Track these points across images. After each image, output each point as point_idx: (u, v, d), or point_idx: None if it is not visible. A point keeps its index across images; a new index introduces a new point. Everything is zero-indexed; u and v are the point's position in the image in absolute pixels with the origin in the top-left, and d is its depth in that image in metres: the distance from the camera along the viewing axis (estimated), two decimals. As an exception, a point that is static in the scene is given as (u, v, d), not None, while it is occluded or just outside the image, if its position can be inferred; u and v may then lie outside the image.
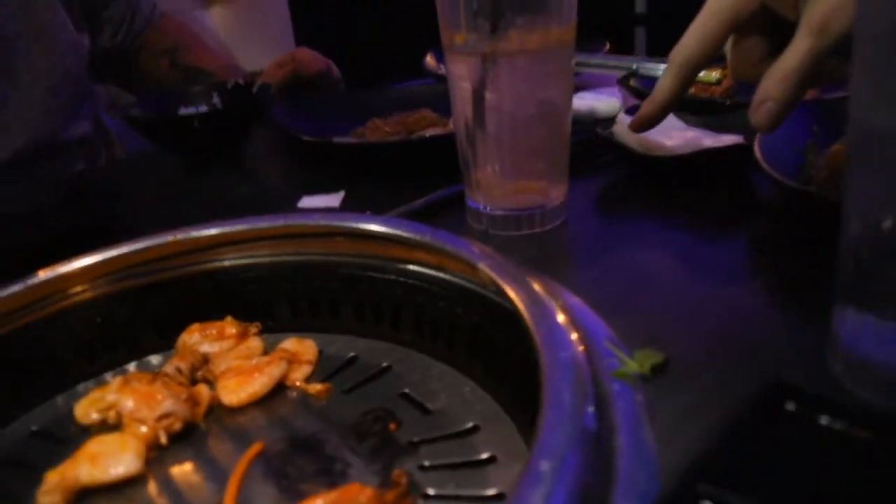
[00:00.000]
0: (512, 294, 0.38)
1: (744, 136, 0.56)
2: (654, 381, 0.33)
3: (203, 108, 0.76)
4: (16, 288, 0.45)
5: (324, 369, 0.45)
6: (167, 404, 0.40)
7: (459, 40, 0.47)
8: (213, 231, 0.50)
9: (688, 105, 0.69)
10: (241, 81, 0.80)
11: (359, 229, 0.47)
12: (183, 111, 0.75)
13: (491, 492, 0.34)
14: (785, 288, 0.42)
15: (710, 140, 0.58)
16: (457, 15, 0.46)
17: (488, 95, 0.46)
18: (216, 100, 0.78)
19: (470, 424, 0.39)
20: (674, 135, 0.59)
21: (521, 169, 0.50)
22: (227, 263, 0.50)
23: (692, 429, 0.26)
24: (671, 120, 0.63)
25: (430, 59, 0.99)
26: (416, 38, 1.05)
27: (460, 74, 0.49)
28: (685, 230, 0.52)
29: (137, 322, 0.49)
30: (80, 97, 0.97)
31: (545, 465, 0.26)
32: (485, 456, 0.36)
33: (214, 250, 0.50)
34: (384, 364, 0.45)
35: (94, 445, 0.38)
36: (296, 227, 0.49)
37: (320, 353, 0.47)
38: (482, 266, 0.41)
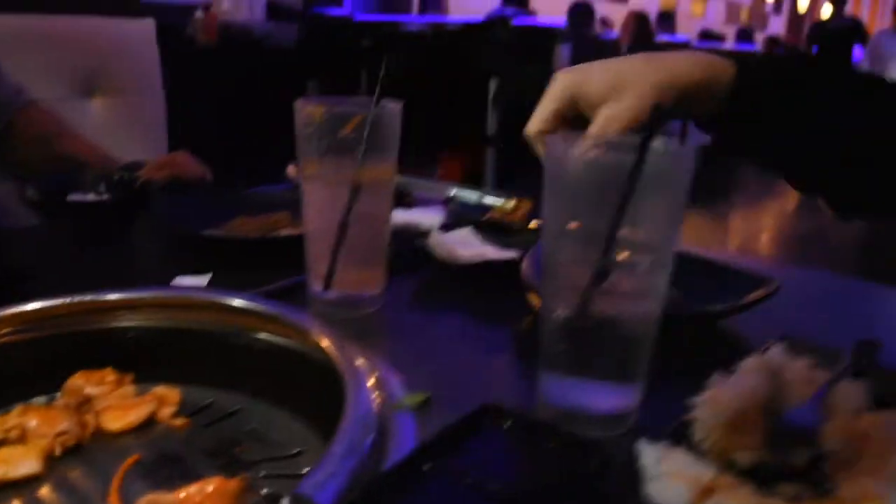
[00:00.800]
0: (333, 354, 0.54)
1: (521, 254, 0.76)
2: (420, 410, 0.50)
3: (91, 196, 0.88)
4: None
5: (186, 410, 0.59)
6: (64, 424, 0.52)
7: (311, 170, 0.65)
8: (103, 297, 0.63)
9: (487, 226, 0.89)
10: (126, 175, 0.93)
11: (224, 303, 0.62)
12: (73, 197, 0.87)
13: (309, 492, 0.49)
14: (524, 357, 0.61)
15: (494, 253, 0.78)
16: (312, 153, 0.64)
17: (333, 212, 0.64)
18: (103, 188, 0.90)
19: (297, 450, 0.54)
20: (470, 247, 0.78)
21: (350, 267, 0.67)
22: (112, 324, 0.63)
23: (438, 437, 0.43)
24: (471, 237, 0.83)
25: (291, 169, 1.16)
26: (281, 148, 1.22)
27: (312, 194, 0.66)
28: (467, 317, 0.72)
29: (31, 368, 0.60)
30: None
31: (338, 449, 0.42)
32: (306, 471, 0.51)
33: (102, 313, 0.63)
34: (235, 408, 0.59)
35: (3, 452, 0.50)
36: (173, 298, 0.63)
37: (183, 398, 0.60)
38: (313, 334, 0.57)
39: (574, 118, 0.66)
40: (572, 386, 0.49)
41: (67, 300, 0.62)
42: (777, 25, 15.28)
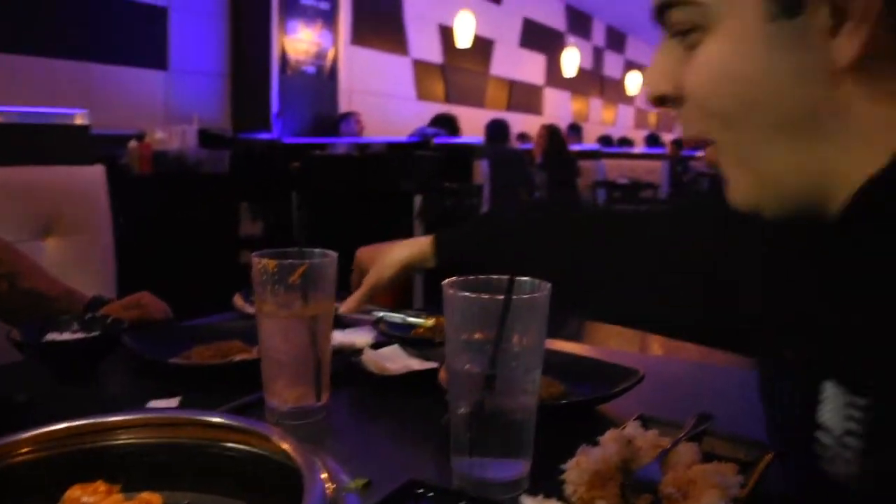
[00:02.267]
0: (292, 454, 0.69)
1: (441, 364, 0.93)
2: (363, 491, 0.65)
3: (67, 335, 1.02)
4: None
5: (168, 511, 0.72)
6: (73, 525, 0.65)
7: (266, 309, 0.82)
8: (93, 420, 0.76)
9: (410, 342, 1.06)
10: (97, 315, 1.07)
11: (200, 420, 0.76)
12: (50, 336, 1.00)
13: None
14: (444, 446, 0.77)
15: (418, 365, 0.94)
16: (266, 296, 0.81)
17: (285, 341, 0.80)
18: (76, 327, 1.04)
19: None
20: (397, 361, 0.95)
21: (299, 384, 0.83)
22: (102, 444, 0.76)
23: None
24: (398, 352, 0.99)
25: (238, 300, 1.31)
26: (225, 280, 1.37)
27: (267, 328, 0.83)
28: (397, 418, 0.88)
29: (35, 483, 0.73)
30: None
31: (302, 520, 0.56)
32: (273, 548, 0.65)
33: (94, 434, 0.76)
34: (210, 506, 0.73)
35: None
36: (155, 418, 0.77)
37: (165, 501, 0.73)
38: (275, 440, 0.72)
39: None
40: (476, 463, 0.66)
41: (64, 425, 0.75)
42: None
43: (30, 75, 4.10)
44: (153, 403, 0.89)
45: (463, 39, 7.42)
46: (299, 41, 5.39)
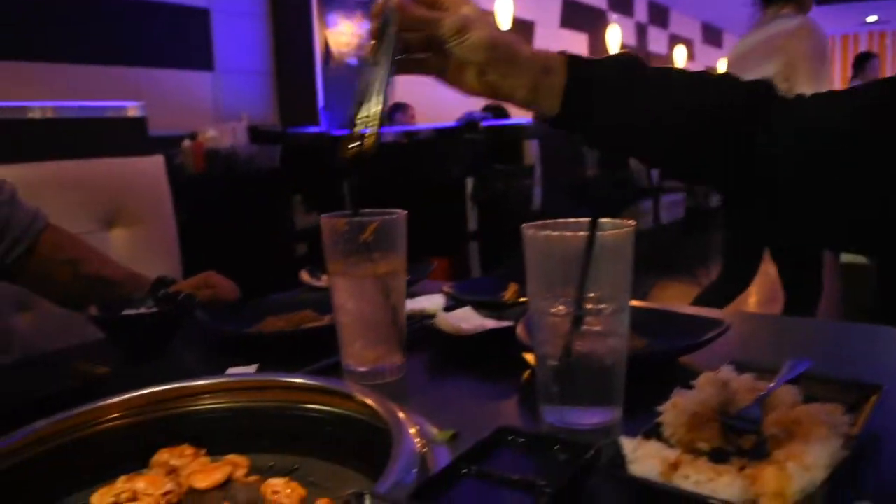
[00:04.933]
0: (378, 410, 0.67)
1: (514, 322, 0.91)
2: (451, 442, 0.64)
3: (143, 310, 1.03)
4: (58, 418, 0.70)
5: (254, 472, 0.71)
6: (167, 485, 0.65)
7: (338, 269, 0.80)
8: (177, 386, 0.76)
9: (485, 304, 1.05)
10: (169, 291, 1.07)
11: (282, 382, 0.75)
12: (127, 312, 1.01)
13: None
14: (525, 401, 0.75)
15: (493, 324, 0.93)
16: (338, 256, 0.80)
17: (359, 300, 0.79)
18: (151, 304, 1.05)
19: (351, 490, 0.66)
20: (471, 321, 0.93)
21: (376, 344, 0.82)
22: (185, 409, 0.76)
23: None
24: (471, 313, 0.98)
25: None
26: (284, 271, 1.37)
27: (340, 288, 0.82)
28: (475, 376, 0.86)
29: (123, 448, 0.73)
30: None
31: (395, 468, 0.55)
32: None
33: (176, 400, 0.76)
34: (294, 466, 0.72)
35: (124, 510, 0.63)
36: (238, 382, 0.77)
37: (250, 463, 0.73)
38: (358, 398, 0.71)
39: None
40: (567, 411, 0.64)
41: (152, 390, 0.75)
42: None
43: (86, 83, 4.18)
44: (232, 370, 0.89)
45: (503, 21, 7.36)
46: (341, 34, 5.40)
